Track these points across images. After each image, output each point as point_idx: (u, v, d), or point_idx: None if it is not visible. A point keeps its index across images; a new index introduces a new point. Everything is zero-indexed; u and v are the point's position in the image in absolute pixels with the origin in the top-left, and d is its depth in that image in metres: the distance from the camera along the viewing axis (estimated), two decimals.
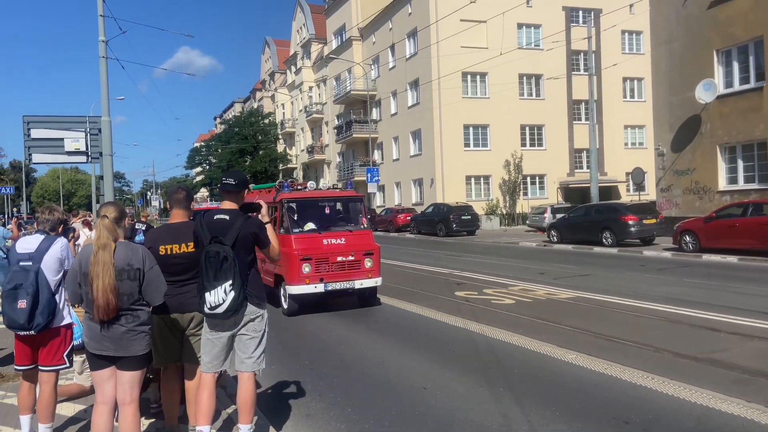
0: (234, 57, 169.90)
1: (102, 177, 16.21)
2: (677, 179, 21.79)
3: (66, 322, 4.23)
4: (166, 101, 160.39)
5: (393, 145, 41.15)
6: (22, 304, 3.91)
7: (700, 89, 20.07)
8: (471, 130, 36.03)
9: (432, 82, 34.51)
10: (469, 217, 29.16)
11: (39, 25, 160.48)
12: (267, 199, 9.42)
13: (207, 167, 65.44)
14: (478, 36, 33.80)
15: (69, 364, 4.35)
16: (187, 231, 4.21)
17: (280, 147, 61.18)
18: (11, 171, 75.73)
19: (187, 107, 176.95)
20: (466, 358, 6.79)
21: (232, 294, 3.87)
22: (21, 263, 4.04)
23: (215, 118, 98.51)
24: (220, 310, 3.89)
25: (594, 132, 25.43)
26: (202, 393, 4.05)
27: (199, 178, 71.47)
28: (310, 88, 55.26)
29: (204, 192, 69.50)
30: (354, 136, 43.26)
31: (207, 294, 3.91)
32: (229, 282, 3.87)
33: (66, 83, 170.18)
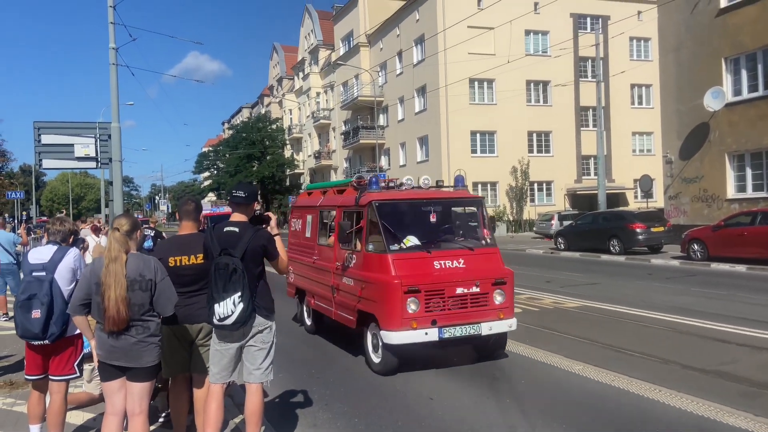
0: (242, 62, 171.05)
1: (111, 182, 16.34)
2: (685, 187, 21.70)
3: (77, 331, 4.27)
4: (174, 106, 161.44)
5: (400, 151, 41.19)
6: (36, 313, 3.95)
7: (708, 97, 20.01)
8: (478, 136, 36.03)
9: (439, 89, 34.56)
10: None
11: (50, 32, 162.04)
12: (337, 201, 7.71)
13: (215, 172, 65.73)
14: (485, 43, 33.83)
15: (79, 373, 4.39)
16: (197, 242, 4.25)
17: (287, 152, 61.37)
18: (21, 175, 76.29)
19: (196, 112, 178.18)
20: (471, 368, 6.79)
21: (240, 306, 3.91)
22: (34, 273, 4.09)
23: (223, 123, 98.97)
24: (228, 321, 3.93)
25: (602, 139, 25.38)
26: (210, 403, 4.08)
27: (207, 182, 71.84)
28: (317, 93, 55.45)
29: (212, 196, 69.76)
30: (361, 141, 43.35)
31: (216, 305, 3.94)
32: (238, 294, 3.91)
33: (76, 88, 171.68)
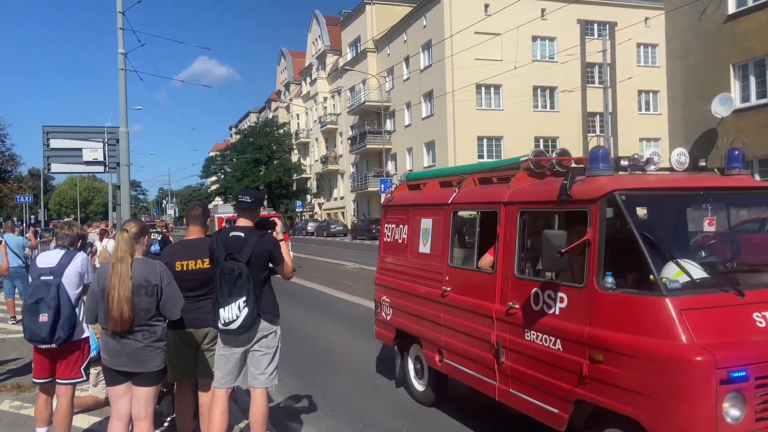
0: (250, 67, 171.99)
1: (119, 186, 16.45)
2: None
3: (85, 335, 4.30)
4: (182, 111, 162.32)
5: (407, 156, 41.23)
6: (43, 317, 3.98)
7: (716, 103, 19.91)
8: (485, 141, 36.03)
9: (446, 94, 34.60)
10: None
11: (59, 37, 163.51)
12: (501, 196, 4.45)
13: (222, 176, 66.00)
14: (492, 48, 33.87)
15: (86, 377, 4.42)
16: (203, 247, 4.28)
17: (294, 157, 61.56)
18: (30, 179, 76.85)
19: (203, 117, 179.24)
20: None
21: (245, 310, 3.92)
22: (42, 277, 4.12)
23: (230, 127, 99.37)
24: (233, 326, 3.94)
25: (609, 145, 25.32)
26: (215, 408, 4.09)
27: (214, 187, 72.11)
28: (324, 98, 55.65)
29: (219, 201, 70.03)
30: (368, 146, 43.44)
31: (221, 310, 3.95)
32: (243, 298, 3.92)
33: (85, 92, 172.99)
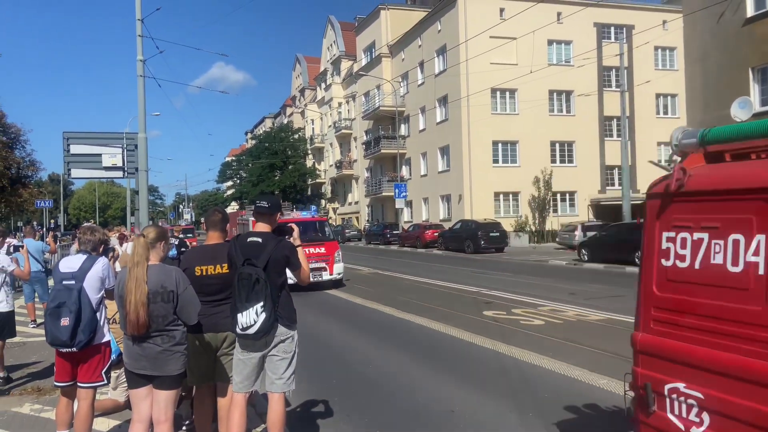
0: (266, 73, 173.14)
1: (137, 191, 16.64)
2: None
3: (105, 339, 4.36)
4: (199, 116, 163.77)
5: (421, 161, 41.23)
6: (65, 321, 4.05)
7: (735, 107, 19.48)
8: (500, 146, 35.91)
9: (461, 99, 34.56)
10: (498, 234, 28.96)
11: (79, 44, 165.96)
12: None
13: (237, 181, 66.49)
14: (507, 53, 33.80)
15: (107, 381, 4.47)
16: (222, 252, 4.31)
17: (309, 162, 61.85)
18: (49, 184, 78.01)
19: (220, 122, 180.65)
20: (494, 380, 6.74)
21: (263, 315, 3.94)
22: (64, 282, 4.19)
23: (246, 133, 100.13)
24: (251, 331, 3.96)
25: (626, 149, 25.10)
26: (233, 412, 4.12)
27: (230, 191, 72.67)
28: (339, 104, 55.87)
29: (235, 205, 70.50)
30: (382, 151, 43.51)
31: (239, 315, 3.98)
32: (261, 303, 3.94)
33: (103, 98, 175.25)
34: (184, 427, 4.96)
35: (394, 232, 37.62)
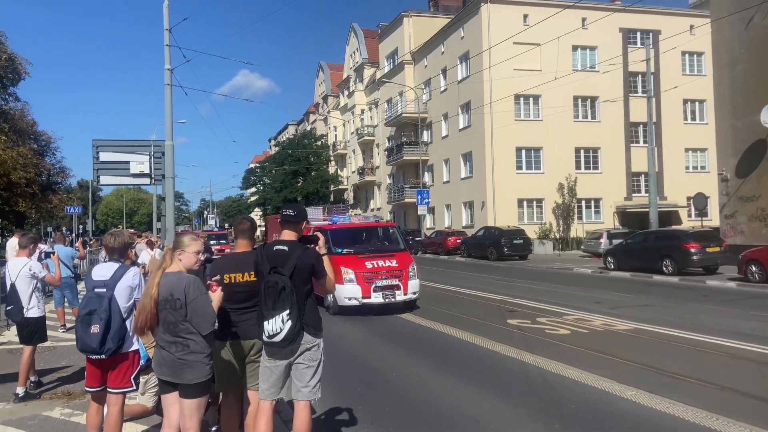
0: (289, 81, 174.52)
1: (164, 198, 16.90)
2: (742, 206, 20.89)
3: (134, 348, 4.43)
4: (224, 124, 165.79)
5: (443, 168, 41.13)
6: (95, 329, 4.13)
7: (765, 113, 19.30)
8: (523, 152, 35.66)
9: (484, 105, 34.43)
10: (521, 242, 28.73)
11: (108, 54, 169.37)
12: None
13: (261, 188, 67.08)
14: (531, 59, 33.60)
15: (135, 386, 4.54)
16: (250, 260, 4.35)
17: (331, 168, 62.13)
18: (78, 190, 79.62)
19: (244, 129, 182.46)
20: (519, 390, 6.67)
21: (289, 323, 3.97)
22: (96, 290, 4.27)
23: (270, 139, 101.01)
24: (277, 338, 3.99)
25: (653, 155, 24.72)
26: (260, 420, 4.14)
27: (254, 198, 73.32)
28: (362, 110, 56.07)
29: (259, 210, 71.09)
30: (404, 158, 43.50)
31: (265, 323, 4.01)
32: (287, 311, 3.97)
33: (131, 105, 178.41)
34: None
35: (416, 238, 37.57)
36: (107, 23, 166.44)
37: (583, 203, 36.08)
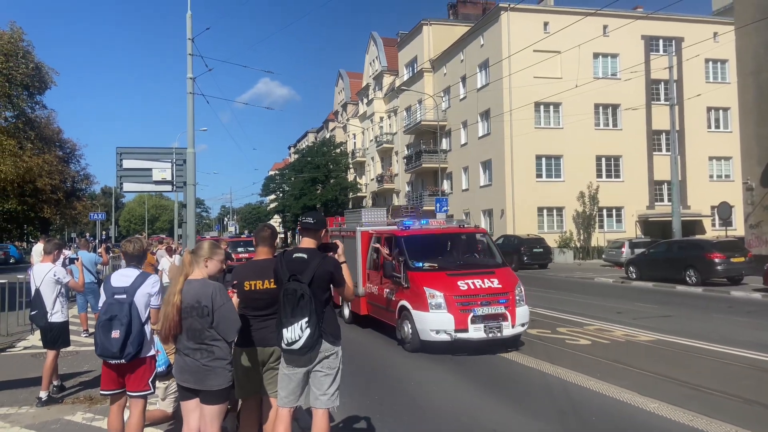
0: (309, 88, 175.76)
1: (185, 205, 17.09)
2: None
3: (152, 353, 4.49)
4: (244, 131, 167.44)
5: (462, 175, 41.02)
6: (115, 334, 4.19)
7: None
8: (543, 160, 35.42)
9: (504, 113, 34.30)
10: (541, 250, 28.49)
11: (131, 64, 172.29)
12: None
13: (281, 195, 67.50)
14: (551, 66, 33.43)
15: (153, 389, 4.58)
16: (270, 268, 4.38)
17: (350, 176, 62.32)
18: (101, 196, 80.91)
19: (264, 137, 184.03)
20: (539, 400, 6.59)
21: (307, 331, 3.97)
22: (116, 296, 4.34)
23: (289, 147, 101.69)
24: (296, 346, 4.00)
25: (675, 164, 24.39)
26: (278, 427, 4.15)
27: (273, 205, 73.78)
28: (381, 118, 56.21)
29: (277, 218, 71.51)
30: (423, 165, 43.48)
31: (284, 330, 4.02)
32: (306, 319, 3.98)
33: (154, 112, 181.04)
34: None
35: None
36: (132, 33, 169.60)
37: (605, 212, 35.68)
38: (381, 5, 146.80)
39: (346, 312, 12.26)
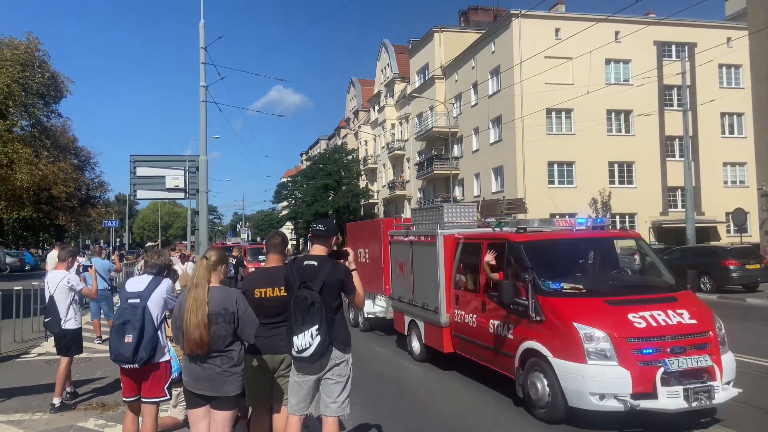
0: (321, 96, 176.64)
1: (198, 212, 17.20)
2: None
3: (166, 358, 4.50)
4: (256, 139, 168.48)
5: (474, 182, 40.94)
6: (128, 338, 4.21)
7: None
8: (555, 167, 35.27)
9: (515, 120, 34.24)
10: None
11: (145, 74, 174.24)
12: None
13: (293, 202, 67.76)
14: (563, 72, 33.32)
15: (169, 395, 4.61)
16: (281, 275, 4.38)
17: (362, 183, 62.43)
18: (115, 204, 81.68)
19: (276, 144, 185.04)
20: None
21: (318, 338, 3.97)
22: (130, 301, 4.38)
23: (301, 154, 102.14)
24: (306, 353, 3.99)
25: (689, 170, 24.16)
26: None
27: (285, 212, 74.10)
28: (392, 125, 56.31)
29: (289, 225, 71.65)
30: (435, 172, 43.47)
31: (295, 337, 4.03)
32: (316, 326, 3.97)
33: (167, 120, 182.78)
34: None
35: None
36: (146, 41, 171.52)
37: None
38: (392, 13, 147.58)
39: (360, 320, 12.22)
